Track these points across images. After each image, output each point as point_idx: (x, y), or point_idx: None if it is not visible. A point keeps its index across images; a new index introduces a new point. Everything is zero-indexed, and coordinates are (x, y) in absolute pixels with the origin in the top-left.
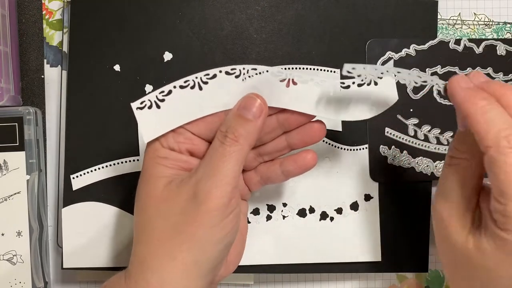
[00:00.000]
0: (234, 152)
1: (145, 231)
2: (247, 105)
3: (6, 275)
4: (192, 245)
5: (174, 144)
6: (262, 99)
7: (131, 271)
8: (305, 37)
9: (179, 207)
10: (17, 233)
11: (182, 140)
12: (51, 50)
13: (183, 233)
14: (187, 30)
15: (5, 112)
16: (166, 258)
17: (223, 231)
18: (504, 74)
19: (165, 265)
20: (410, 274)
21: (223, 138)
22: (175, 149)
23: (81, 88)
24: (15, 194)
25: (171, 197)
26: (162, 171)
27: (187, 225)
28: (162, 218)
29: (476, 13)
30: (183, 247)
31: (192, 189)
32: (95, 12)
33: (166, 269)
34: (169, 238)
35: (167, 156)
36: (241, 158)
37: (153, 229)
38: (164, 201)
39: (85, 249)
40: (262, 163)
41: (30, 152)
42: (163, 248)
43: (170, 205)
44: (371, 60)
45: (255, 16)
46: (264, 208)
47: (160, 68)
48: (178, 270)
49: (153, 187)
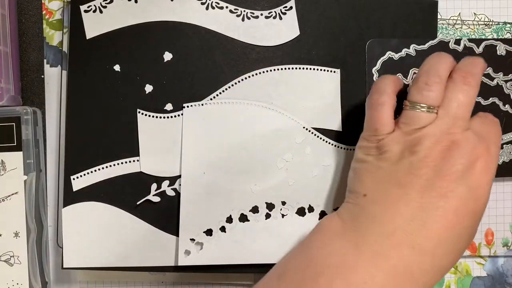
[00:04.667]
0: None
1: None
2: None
3: (3, 276)
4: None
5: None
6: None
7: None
8: (305, 37)
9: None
10: (14, 234)
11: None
12: (51, 50)
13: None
14: (187, 30)
15: (2, 112)
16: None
17: None
18: (504, 74)
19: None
20: None
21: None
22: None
23: (81, 88)
24: (13, 195)
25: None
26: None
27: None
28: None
29: (476, 13)
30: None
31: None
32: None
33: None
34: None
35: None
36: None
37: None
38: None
39: (86, 249)
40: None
41: (28, 152)
42: None
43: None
44: (371, 60)
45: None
46: (263, 206)
47: (160, 68)
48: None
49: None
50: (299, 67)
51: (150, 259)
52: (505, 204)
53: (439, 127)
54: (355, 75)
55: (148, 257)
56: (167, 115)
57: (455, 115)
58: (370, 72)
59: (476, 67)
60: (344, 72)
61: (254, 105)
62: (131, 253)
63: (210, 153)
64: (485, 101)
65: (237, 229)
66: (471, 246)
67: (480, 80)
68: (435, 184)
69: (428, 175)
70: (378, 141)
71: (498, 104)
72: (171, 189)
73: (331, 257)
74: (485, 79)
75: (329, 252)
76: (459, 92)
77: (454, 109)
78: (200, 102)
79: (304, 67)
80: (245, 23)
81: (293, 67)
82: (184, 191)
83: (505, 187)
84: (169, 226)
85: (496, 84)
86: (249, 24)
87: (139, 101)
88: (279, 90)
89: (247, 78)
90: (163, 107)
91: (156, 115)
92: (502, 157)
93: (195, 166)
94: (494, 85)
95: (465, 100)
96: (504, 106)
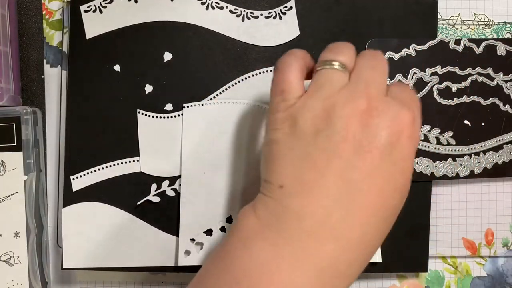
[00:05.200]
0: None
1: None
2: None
3: (3, 277)
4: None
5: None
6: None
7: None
8: (305, 37)
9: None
10: (14, 234)
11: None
12: (51, 50)
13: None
14: (187, 30)
15: (2, 112)
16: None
17: None
18: (504, 74)
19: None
20: (410, 274)
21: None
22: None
23: (81, 88)
24: (13, 195)
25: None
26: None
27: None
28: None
29: (476, 13)
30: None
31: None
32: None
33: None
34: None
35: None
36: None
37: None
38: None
39: (85, 249)
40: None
41: (28, 152)
42: None
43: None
44: None
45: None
46: None
47: (160, 68)
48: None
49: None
50: None
51: (150, 259)
52: (505, 204)
53: (353, 89)
54: None
55: (148, 257)
56: (167, 115)
57: (369, 78)
58: None
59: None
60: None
61: (254, 105)
62: (131, 254)
63: (210, 153)
64: (485, 101)
65: None
66: (471, 246)
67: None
68: (356, 163)
69: (348, 152)
70: (287, 108)
71: (498, 104)
72: (171, 189)
73: (249, 263)
74: (485, 79)
75: (246, 259)
76: (371, 61)
77: (368, 72)
78: (200, 102)
79: None
80: (245, 23)
81: None
82: (184, 191)
83: (505, 187)
84: (169, 226)
85: (496, 84)
86: (249, 24)
87: (139, 101)
88: None
89: (247, 78)
90: (163, 107)
91: (156, 115)
92: (502, 157)
93: (195, 166)
94: (494, 85)
95: (379, 68)
96: (504, 106)
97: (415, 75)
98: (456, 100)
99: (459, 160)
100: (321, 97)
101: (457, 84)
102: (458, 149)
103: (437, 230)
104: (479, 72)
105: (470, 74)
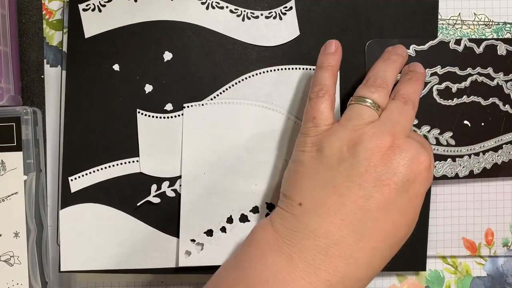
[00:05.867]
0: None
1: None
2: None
3: (3, 277)
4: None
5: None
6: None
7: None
8: (305, 37)
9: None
10: (14, 234)
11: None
12: (51, 50)
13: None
14: (187, 30)
15: (2, 112)
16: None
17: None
18: (504, 74)
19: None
20: (410, 274)
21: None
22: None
23: (81, 88)
24: (13, 195)
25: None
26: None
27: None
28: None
29: (476, 13)
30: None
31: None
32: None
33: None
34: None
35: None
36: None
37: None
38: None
39: (84, 252)
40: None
41: (28, 152)
42: None
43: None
44: (371, 61)
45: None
46: (263, 207)
47: (160, 68)
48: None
49: None
50: (299, 67)
51: (150, 261)
52: (505, 204)
53: (380, 126)
54: (355, 75)
55: (149, 259)
56: (167, 115)
57: (397, 120)
58: None
59: (416, 92)
60: (344, 73)
61: (254, 105)
62: (131, 256)
63: (210, 153)
64: (485, 101)
65: (238, 230)
66: (471, 246)
67: (417, 102)
68: (374, 194)
69: (368, 183)
70: (316, 135)
71: (498, 104)
72: (171, 190)
73: (263, 273)
74: (485, 79)
75: (262, 267)
76: (401, 106)
77: (396, 115)
78: (200, 102)
79: (304, 67)
80: (245, 23)
81: (293, 67)
82: (184, 192)
83: (505, 187)
84: (170, 227)
85: (496, 84)
86: (249, 24)
87: (139, 101)
88: (279, 90)
89: (247, 78)
90: (163, 107)
91: (156, 115)
92: (502, 157)
93: (195, 166)
94: (494, 85)
95: (407, 114)
96: (504, 106)
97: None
98: (456, 100)
99: (459, 160)
100: (350, 128)
101: (457, 84)
102: (457, 150)
103: (437, 230)
104: (479, 72)
105: (470, 74)
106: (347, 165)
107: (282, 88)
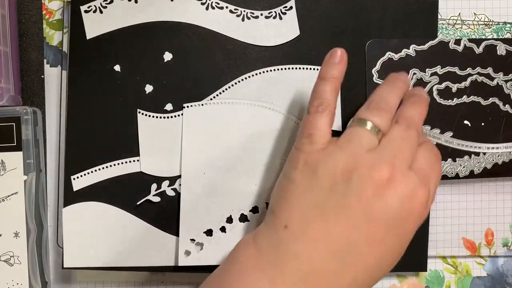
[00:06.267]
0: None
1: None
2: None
3: (3, 277)
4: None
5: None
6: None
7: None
8: (305, 37)
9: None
10: (14, 234)
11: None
12: (51, 50)
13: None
14: (187, 31)
15: (2, 112)
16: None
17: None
18: (504, 74)
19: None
20: (410, 274)
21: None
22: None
23: (81, 88)
24: (13, 195)
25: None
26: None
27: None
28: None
29: (476, 13)
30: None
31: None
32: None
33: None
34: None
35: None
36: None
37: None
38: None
39: (86, 249)
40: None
41: (28, 152)
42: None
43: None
44: (371, 61)
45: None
46: (263, 206)
47: (160, 68)
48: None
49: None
50: (299, 67)
51: (150, 259)
52: (505, 204)
53: (379, 155)
54: (355, 75)
55: (148, 257)
56: (167, 115)
57: (398, 149)
58: (370, 73)
59: (420, 115)
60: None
61: (254, 105)
62: (131, 253)
63: (210, 153)
64: (485, 101)
65: (237, 229)
66: (471, 246)
67: (421, 127)
68: (362, 227)
69: (357, 214)
70: (310, 152)
71: (498, 104)
72: (171, 189)
73: None
74: (485, 79)
75: (243, 286)
76: (403, 130)
77: (398, 142)
78: (200, 102)
79: (304, 67)
80: (245, 23)
81: (293, 67)
82: (184, 191)
83: (505, 187)
84: (169, 226)
85: (496, 84)
86: (249, 24)
87: (139, 101)
88: (279, 90)
89: (247, 78)
90: (163, 107)
91: (156, 115)
92: (502, 157)
93: (195, 166)
94: (494, 85)
95: (410, 141)
96: (504, 106)
97: (415, 75)
98: (456, 100)
99: (459, 160)
100: (348, 152)
101: (457, 84)
102: (457, 150)
103: (437, 230)
104: (479, 72)
105: (470, 74)
106: (339, 191)
107: (282, 88)
